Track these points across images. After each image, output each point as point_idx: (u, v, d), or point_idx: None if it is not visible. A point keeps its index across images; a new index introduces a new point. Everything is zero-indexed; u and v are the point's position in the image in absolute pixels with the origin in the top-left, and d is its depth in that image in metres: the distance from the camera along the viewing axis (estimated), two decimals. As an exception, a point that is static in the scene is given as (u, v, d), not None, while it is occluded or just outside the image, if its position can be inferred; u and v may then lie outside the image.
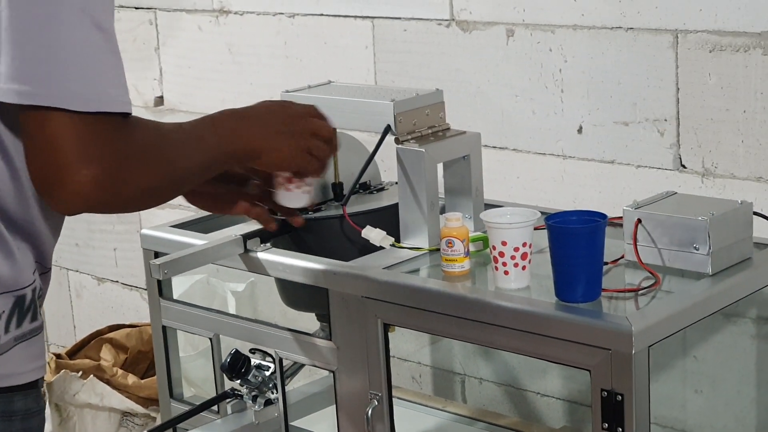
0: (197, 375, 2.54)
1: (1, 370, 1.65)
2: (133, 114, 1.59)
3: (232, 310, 2.50)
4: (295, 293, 2.27)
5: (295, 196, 1.85)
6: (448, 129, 2.24)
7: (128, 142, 1.62)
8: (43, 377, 1.71)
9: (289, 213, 1.93)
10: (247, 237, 2.26)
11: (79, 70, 1.55)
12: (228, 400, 2.30)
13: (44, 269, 1.72)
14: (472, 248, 2.16)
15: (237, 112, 1.84)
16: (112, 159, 1.58)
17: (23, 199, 1.66)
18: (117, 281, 3.65)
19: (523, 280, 1.96)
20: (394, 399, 2.15)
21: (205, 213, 2.59)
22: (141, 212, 3.49)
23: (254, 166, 1.85)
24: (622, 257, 2.04)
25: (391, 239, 2.20)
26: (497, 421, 2.60)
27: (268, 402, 2.27)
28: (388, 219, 2.24)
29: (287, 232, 2.28)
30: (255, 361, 2.26)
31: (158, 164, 1.68)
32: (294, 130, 1.84)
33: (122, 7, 3.36)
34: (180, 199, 2.24)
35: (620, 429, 1.80)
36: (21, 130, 1.59)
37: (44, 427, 1.75)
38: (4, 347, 1.63)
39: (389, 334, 2.09)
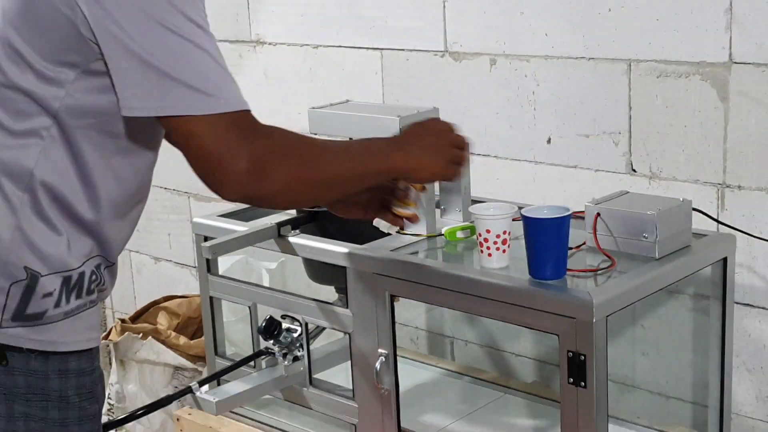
0: (237, 336, 2.54)
1: (52, 338, 1.63)
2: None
3: (266, 284, 2.50)
4: (318, 270, 2.27)
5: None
6: (443, 139, 2.22)
7: (269, 137, 1.60)
8: (96, 347, 1.71)
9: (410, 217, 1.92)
10: (280, 224, 2.27)
11: (200, 77, 1.49)
12: (262, 357, 2.31)
13: (108, 263, 1.70)
14: (461, 235, 2.16)
15: (394, 139, 1.89)
16: (267, 151, 1.57)
17: (96, 207, 1.64)
18: (170, 260, 3.63)
19: (503, 261, 1.98)
20: (399, 357, 2.13)
21: (245, 205, 2.56)
22: (191, 204, 3.46)
23: (410, 180, 1.85)
24: (584, 244, 2.07)
25: (396, 227, 2.16)
26: (480, 375, 2.61)
27: (296, 358, 2.29)
28: (395, 211, 2.21)
29: (313, 221, 2.28)
30: (285, 325, 2.29)
31: (304, 164, 1.63)
32: (440, 145, 1.80)
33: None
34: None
35: (583, 383, 1.81)
36: (170, 141, 1.58)
37: (98, 385, 1.75)
38: (54, 318, 1.62)
39: (395, 303, 2.10)
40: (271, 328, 2.24)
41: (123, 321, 2.97)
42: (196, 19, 1.50)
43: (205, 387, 2.24)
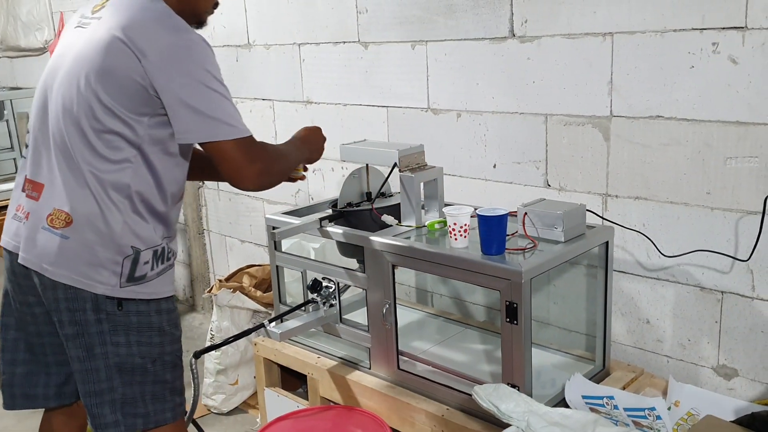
0: (294, 291, 2.53)
1: (150, 290, 1.71)
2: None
3: (312, 257, 2.49)
4: (346, 248, 2.24)
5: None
6: (426, 165, 2.23)
7: (266, 149, 1.70)
8: (174, 294, 1.80)
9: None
10: (321, 219, 2.26)
11: (227, 116, 1.60)
12: (310, 304, 2.30)
13: (173, 238, 1.77)
14: (438, 226, 2.15)
15: (306, 136, 1.96)
16: (265, 159, 1.66)
17: (165, 202, 1.72)
18: (251, 242, 3.63)
19: (465, 243, 1.99)
20: (397, 304, 2.14)
21: (302, 205, 2.60)
22: (264, 206, 3.48)
23: (311, 163, 1.99)
24: (516, 232, 2.05)
25: (397, 221, 2.19)
26: (450, 317, 2.61)
27: (331, 305, 2.29)
28: (396, 210, 2.23)
29: (342, 217, 2.27)
30: (324, 283, 2.28)
31: (282, 161, 1.78)
32: (319, 144, 1.99)
33: (252, 98, 3.35)
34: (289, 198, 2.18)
35: (515, 322, 1.83)
36: (209, 157, 1.64)
37: (179, 318, 1.82)
38: (152, 278, 1.71)
39: (395, 270, 2.10)
40: (315, 286, 2.25)
41: (220, 281, 2.98)
42: (219, 77, 1.60)
43: (273, 323, 2.23)
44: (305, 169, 2.07)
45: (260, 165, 1.60)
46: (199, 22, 1.80)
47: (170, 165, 1.66)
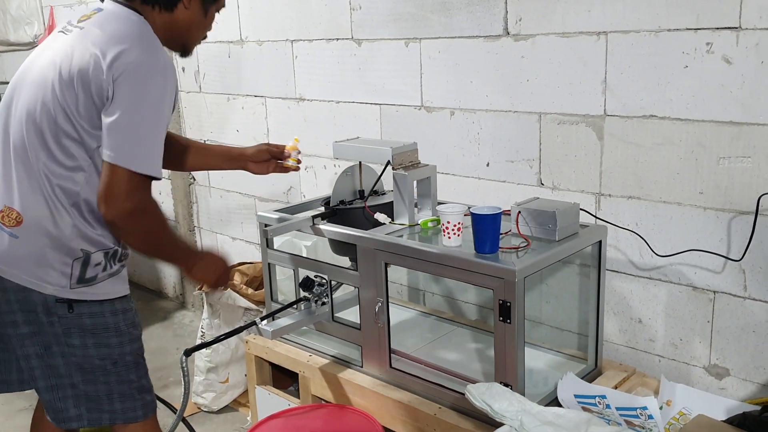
0: (286, 289, 2.53)
1: (103, 291, 1.70)
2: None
3: (304, 255, 2.48)
4: (339, 246, 2.23)
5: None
6: (419, 163, 2.23)
7: (156, 210, 1.64)
8: (129, 294, 1.76)
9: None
10: (314, 217, 2.26)
11: (142, 146, 1.55)
12: (302, 302, 2.29)
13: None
14: (431, 225, 2.16)
15: (204, 256, 1.81)
16: (146, 211, 1.61)
17: None
18: (243, 239, 3.62)
19: (458, 242, 1.99)
20: (389, 303, 2.14)
21: (294, 203, 2.58)
22: (256, 203, 3.46)
23: (195, 279, 1.81)
24: (510, 231, 2.04)
25: (389, 219, 2.18)
26: (442, 315, 2.61)
27: (323, 303, 2.28)
28: (388, 209, 2.23)
29: (334, 215, 2.27)
30: (317, 281, 2.27)
31: (162, 234, 1.67)
32: (212, 271, 1.82)
33: (244, 95, 3.33)
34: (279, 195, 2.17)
35: (508, 320, 1.82)
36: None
37: (137, 317, 1.80)
38: (103, 278, 1.70)
39: (387, 268, 2.09)
40: (307, 284, 2.24)
41: (211, 278, 2.98)
42: (163, 109, 1.58)
43: (265, 321, 2.22)
44: (298, 167, 2.05)
45: (133, 206, 1.55)
46: (184, 51, 1.81)
47: None
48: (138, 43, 1.57)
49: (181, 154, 2.12)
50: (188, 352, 2.07)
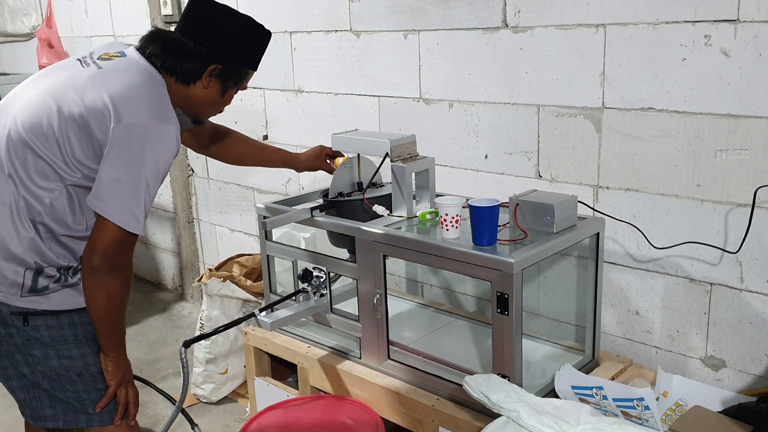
0: (285, 280, 2.53)
1: (56, 302, 1.68)
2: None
3: (303, 247, 2.48)
4: (337, 238, 2.24)
5: None
6: (418, 155, 2.24)
7: (131, 261, 1.67)
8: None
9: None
10: (312, 209, 2.26)
11: (130, 206, 1.58)
12: (300, 294, 2.29)
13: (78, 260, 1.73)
14: (429, 217, 2.15)
15: (126, 366, 1.76)
16: (124, 263, 1.64)
17: (70, 237, 1.68)
18: (241, 231, 3.63)
19: (456, 234, 1.98)
20: (388, 294, 2.14)
21: (293, 195, 2.58)
22: (255, 195, 3.46)
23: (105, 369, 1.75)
24: (508, 223, 2.05)
25: (388, 211, 2.19)
26: (440, 307, 2.62)
27: (322, 295, 2.28)
28: (387, 201, 2.23)
29: (333, 207, 2.27)
30: (315, 273, 2.27)
31: (116, 295, 1.66)
32: (124, 382, 1.77)
33: (252, 88, 3.33)
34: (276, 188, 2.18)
35: (506, 312, 1.82)
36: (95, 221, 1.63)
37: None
38: (55, 289, 1.68)
39: (386, 260, 2.10)
40: (306, 275, 2.24)
41: (210, 270, 2.97)
42: (159, 174, 1.59)
43: (263, 312, 2.22)
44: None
45: (120, 262, 1.60)
46: (196, 121, 1.83)
47: (86, 208, 1.65)
48: (151, 108, 1.58)
49: (247, 154, 2.30)
50: (187, 344, 2.07)
